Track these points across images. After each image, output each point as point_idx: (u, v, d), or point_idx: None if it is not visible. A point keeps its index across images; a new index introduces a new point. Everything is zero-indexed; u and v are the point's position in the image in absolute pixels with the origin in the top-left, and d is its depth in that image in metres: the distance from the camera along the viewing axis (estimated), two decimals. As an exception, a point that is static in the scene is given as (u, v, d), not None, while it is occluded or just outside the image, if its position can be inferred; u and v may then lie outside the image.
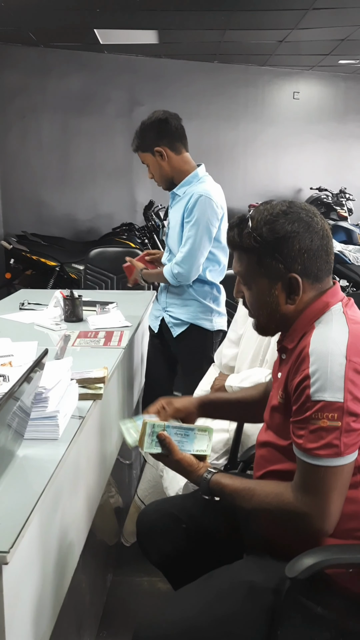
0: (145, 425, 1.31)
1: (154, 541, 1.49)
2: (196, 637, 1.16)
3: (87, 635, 1.76)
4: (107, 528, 2.14)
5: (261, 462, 1.32)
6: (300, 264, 1.20)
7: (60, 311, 2.60)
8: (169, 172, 2.47)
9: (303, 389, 1.13)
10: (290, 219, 1.19)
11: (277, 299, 1.23)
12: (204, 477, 1.27)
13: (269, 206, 1.23)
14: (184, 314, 2.54)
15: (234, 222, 1.26)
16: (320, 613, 1.18)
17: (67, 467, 1.39)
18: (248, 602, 1.18)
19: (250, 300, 1.28)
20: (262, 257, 1.21)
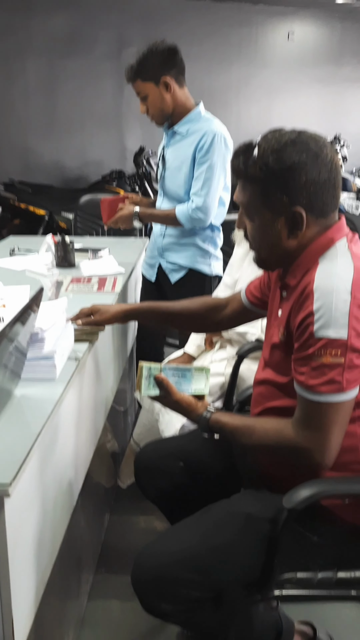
0: (142, 368, 1.30)
1: (151, 478, 1.52)
2: (194, 565, 1.19)
3: (86, 571, 1.81)
4: (103, 471, 2.17)
5: (259, 400, 1.33)
6: (306, 198, 1.16)
7: (52, 257, 2.56)
8: (170, 106, 2.32)
9: (306, 326, 1.12)
10: (299, 149, 1.14)
11: (279, 233, 1.20)
12: (203, 415, 1.28)
13: (277, 134, 1.18)
14: (182, 259, 2.48)
15: (239, 149, 1.21)
16: (316, 541, 1.21)
17: (64, 407, 1.40)
18: (245, 531, 1.21)
19: (252, 233, 1.25)
20: (267, 188, 1.17)
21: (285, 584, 1.22)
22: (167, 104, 2.31)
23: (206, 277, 2.50)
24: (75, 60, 6.17)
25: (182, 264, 2.48)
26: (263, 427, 1.21)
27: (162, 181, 2.49)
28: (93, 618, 1.74)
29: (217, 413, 1.28)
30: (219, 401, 1.99)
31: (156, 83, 2.26)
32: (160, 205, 2.52)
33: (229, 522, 1.23)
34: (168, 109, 2.32)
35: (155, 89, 2.27)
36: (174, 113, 2.35)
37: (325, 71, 6.89)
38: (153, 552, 1.23)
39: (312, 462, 1.14)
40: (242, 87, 6.76)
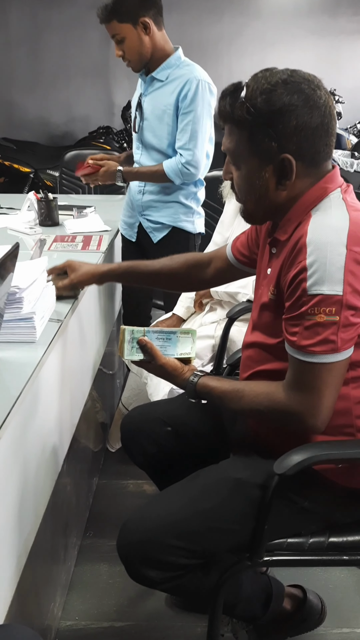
0: (124, 331, 1.23)
1: (138, 443, 1.47)
2: (182, 531, 1.15)
3: (73, 534, 1.78)
4: (91, 435, 2.13)
5: (248, 363, 1.27)
6: (296, 144, 1.07)
7: (35, 215, 2.46)
8: (149, 49, 2.16)
9: (299, 282, 1.05)
10: (290, 90, 1.05)
11: (266, 182, 1.11)
12: (190, 380, 1.22)
13: (268, 73, 1.08)
14: (164, 217, 2.36)
15: (226, 90, 1.11)
16: (307, 507, 1.17)
17: (46, 371, 1.34)
18: (234, 497, 1.17)
19: (239, 183, 1.16)
20: (254, 133, 1.08)
21: (275, 550, 1.18)
22: (146, 47, 2.15)
23: (190, 235, 2.39)
24: (59, 10, 5.88)
25: (165, 222, 2.36)
26: (253, 391, 1.15)
27: (141, 133, 2.32)
28: (80, 582, 1.72)
29: (205, 377, 1.22)
30: (209, 365, 1.94)
31: (134, 24, 2.10)
32: (140, 160, 2.37)
33: (217, 488, 1.19)
34: (147, 53, 2.16)
35: (133, 30, 2.11)
36: (152, 58, 2.19)
37: (320, 22, 6.63)
38: (139, 519, 1.19)
39: (304, 425, 1.09)
40: (234, 39, 6.51)
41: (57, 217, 2.47)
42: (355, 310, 1.04)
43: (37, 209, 2.45)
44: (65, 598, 1.65)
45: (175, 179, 2.22)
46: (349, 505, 1.19)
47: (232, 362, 1.61)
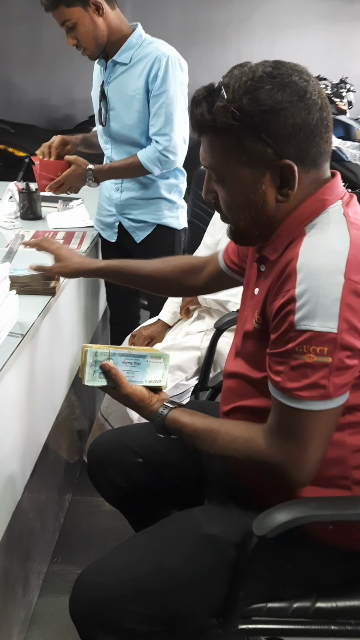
0: (86, 353, 1.06)
1: (106, 475, 1.31)
2: (143, 595, 1.00)
3: (38, 561, 1.63)
4: (65, 446, 1.97)
5: (229, 395, 1.10)
6: (295, 146, 0.90)
7: (16, 207, 2.28)
8: (105, 32, 1.90)
9: (286, 314, 0.88)
10: (279, 84, 0.88)
11: (264, 195, 0.93)
12: (159, 412, 1.06)
13: (246, 69, 0.91)
14: (147, 215, 2.14)
15: (199, 95, 0.92)
16: (291, 569, 1.01)
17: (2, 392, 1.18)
18: (205, 555, 1.01)
19: (227, 201, 0.97)
20: (243, 140, 0.90)
21: (253, 615, 1.02)
22: (101, 30, 1.90)
23: (175, 232, 2.19)
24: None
25: (148, 220, 2.14)
26: (229, 434, 0.99)
27: (107, 126, 2.08)
28: (44, 616, 1.57)
29: (176, 410, 1.06)
30: (194, 378, 1.78)
31: (84, 6, 1.85)
32: (111, 155, 2.13)
33: (186, 543, 1.02)
34: (103, 37, 1.92)
35: (84, 14, 1.86)
36: (109, 41, 1.94)
37: (334, 7, 6.36)
38: (95, 578, 1.03)
39: (286, 479, 0.93)
40: (243, 23, 6.26)
41: (40, 210, 2.30)
42: (352, 351, 0.87)
43: (17, 201, 2.27)
44: (24, 635, 1.50)
45: (153, 169, 2.00)
46: (339, 567, 1.03)
47: (215, 385, 1.45)
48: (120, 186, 2.13)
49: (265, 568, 1.00)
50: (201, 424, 1.02)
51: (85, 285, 2.09)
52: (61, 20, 1.88)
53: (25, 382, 1.38)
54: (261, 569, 0.99)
